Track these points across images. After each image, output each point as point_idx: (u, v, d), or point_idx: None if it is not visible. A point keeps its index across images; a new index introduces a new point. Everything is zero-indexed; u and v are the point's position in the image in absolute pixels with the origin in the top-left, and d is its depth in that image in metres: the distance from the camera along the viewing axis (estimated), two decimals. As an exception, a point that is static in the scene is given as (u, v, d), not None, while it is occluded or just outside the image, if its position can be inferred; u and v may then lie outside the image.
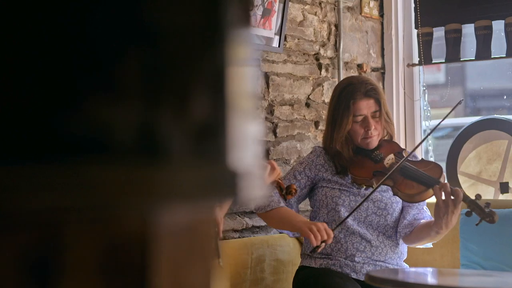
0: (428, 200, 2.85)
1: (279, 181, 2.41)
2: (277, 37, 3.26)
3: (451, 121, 5.13)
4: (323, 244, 2.57)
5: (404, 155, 2.84)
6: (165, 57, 0.67)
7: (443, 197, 2.61)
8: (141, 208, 0.65)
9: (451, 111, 2.77)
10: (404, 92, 3.88)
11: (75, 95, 0.61)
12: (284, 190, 2.43)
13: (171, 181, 0.66)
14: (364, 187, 2.81)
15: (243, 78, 0.70)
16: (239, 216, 3.15)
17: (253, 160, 0.74)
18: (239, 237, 3.14)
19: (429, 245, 2.90)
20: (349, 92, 2.81)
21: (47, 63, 0.60)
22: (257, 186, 0.74)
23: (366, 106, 2.81)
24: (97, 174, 0.62)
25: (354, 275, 2.78)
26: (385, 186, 2.85)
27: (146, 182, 0.64)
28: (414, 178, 2.73)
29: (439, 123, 2.85)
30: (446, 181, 2.73)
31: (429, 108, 3.85)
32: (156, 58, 0.66)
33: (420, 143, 3.06)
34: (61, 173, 0.62)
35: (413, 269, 2.87)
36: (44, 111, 0.61)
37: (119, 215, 0.65)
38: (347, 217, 2.69)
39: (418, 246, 2.91)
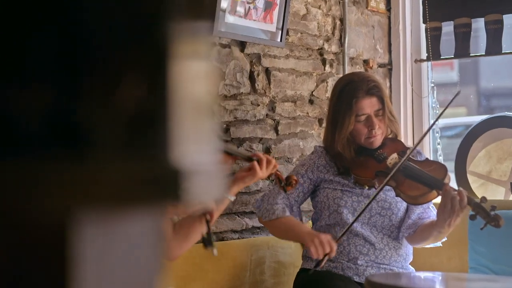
0: (435, 201, 2.74)
1: (278, 172, 2.31)
2: (279, 31, 3.15)
3: (462, 119, 5.01)
4: (326, 257, 2.49)
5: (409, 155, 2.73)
6: (91, 38, 0.56)
7: (449, 200, 2.51)
8: (59, 212, 0.55)
9: (450, 103, 2.68)
10: (412, 88, 3.76)
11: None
12: (283, 182, 2.33)
13: (97, 179, 0.56)
14: (367, 187, 2.71)
15: (195, 72, 0.61)
16: (238, 217, 3.05)
17: (206, 158, 0.64)
18: (238, 238, 3.04)
19: (439, 243, 2.78)
20: (350, 90, 2.70)
21: None
22: (209, 187, 0.63)
23: (369, 105, 2.70)
24: (1, 172, 0.52)
25: (356, 278, 2.68)
26: (390, 186, 2.74)
27: (64, 180, 0.54)
28: (417, 179, 2.63)
29: (440, 115, 2.75)
30: (450, 182, 2.63)
31: (437, 106, 3.73)
32: (79, 38, 0.56)
33: (422, 137, 2.92)
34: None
35: (417, 273, 2.76)
36: None
37: (32, 220, 0.55)
38: (351, 225, 2.59)
39: (426, 246, 2.80)
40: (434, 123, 2.90)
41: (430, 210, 2.78)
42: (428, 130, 3.05)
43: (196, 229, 2.22)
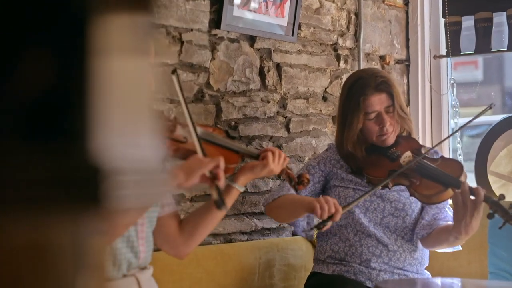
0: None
1: (288, 170, 2.17)
2: (290, 26, 3.03)
3: (486, 118, 4.87)
4: (330, 222, 2.32)
5: (423, 153, 2.61)
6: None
7: (462, 199, 2.38)
8: None
9: (479, 115, 2.53)
10: (431, 86, 3.62)
11: None
12: (293, 181, 2.18)
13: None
14: (380, 187, 2.59)
15: (130, 65, 0.53)
16: (247, 217, 2.94)
17: (141, 155, 0.53)
18: (247, 240, 2.92)
19: (458, 247, 2.65)
20: (358, 88, 2.60)
21: None
22: (143, 189, 0.52)
23: (378, 102, 2.59)
24: None
25: (369, 284, 2.57)
26: (403, 186, 2.62)
27: None
28: (431, 177, 2.50)
29: (463, 126, 2.60)
30: (467, 180, 2.50)
31: (457, 104, 3.59)
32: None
33: (441, 142, 2.78)
34: None
35: (433, 279, 2.63)
36: None
37: None
38: (360, 198, 2.48)
39: (443, 250, 2.66)
40: (457, 131, 2.74)
41: (445, 211, 2.65)
42: (450, 135, 2.87)
43: (204, 225, 2.11)
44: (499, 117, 3.57)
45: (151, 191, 0.53)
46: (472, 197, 2.38)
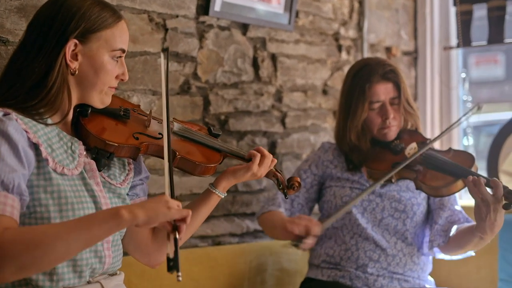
0: (466, 203, 2.39)
1: (277, 173, 1.95)
2: (286, 13, 2.83)
3: (505, 116, 4.65)
4: (310, 240, 2.25)
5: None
6: None
7: (480, 192, 2.16)
8: None
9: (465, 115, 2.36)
10: (440, 79, 3.40)
11: None
12: (282, 184, 1.95)
13: None
14: (381, 183, 2.38)
15: None
16: (238, 219, 2.74)
17: None
18: (238, 243, 2.73)
19: (471, 253, 2.43)
20: (364, 75, 2.41)
21: None
22: None
23: (384, 91, 2.41)
24: None
25: (366, 289, 2.38)
26: (405, 185, 2.43)
27: None
28: (440, 168, 2.30)
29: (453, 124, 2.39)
30: (478, 171, 2.28)
31: (470, 99, 3.37)
32: None
33: (444, 132, 2.52)
34: None
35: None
36: None
37: None
38: (341, 209, 2.34)
39: (458, 257, 2.45)
40: (448, 129, 2.50)
41: (459, 212, 2.45)
42: (451, 126, 2.59)
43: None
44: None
45: None
46: (490, 191, 2.17)
